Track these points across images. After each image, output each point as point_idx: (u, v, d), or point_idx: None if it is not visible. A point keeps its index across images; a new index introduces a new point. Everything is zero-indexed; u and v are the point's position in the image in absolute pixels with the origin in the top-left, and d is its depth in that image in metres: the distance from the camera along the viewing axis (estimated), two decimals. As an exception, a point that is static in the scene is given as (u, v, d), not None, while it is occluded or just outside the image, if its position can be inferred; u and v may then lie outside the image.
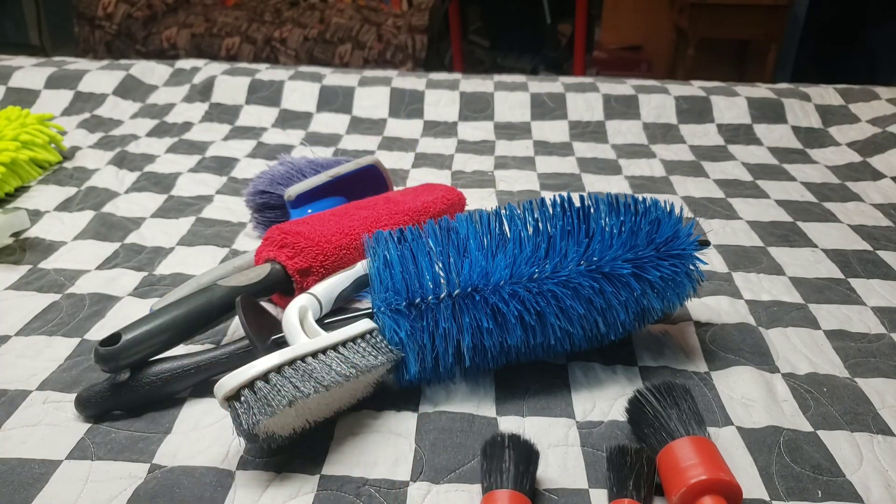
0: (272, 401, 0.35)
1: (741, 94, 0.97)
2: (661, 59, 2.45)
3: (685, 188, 0.77)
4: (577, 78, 1.05)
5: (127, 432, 0.41)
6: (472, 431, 0.41)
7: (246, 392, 0.36)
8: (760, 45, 2.23)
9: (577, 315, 0.42)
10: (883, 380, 0.46)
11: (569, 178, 0.80)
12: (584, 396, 0.44)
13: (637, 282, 0.43)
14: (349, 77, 1.01)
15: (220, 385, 0.36)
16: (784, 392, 0.45)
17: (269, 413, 0.35)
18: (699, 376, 0.46)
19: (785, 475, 0.38)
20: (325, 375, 0.37)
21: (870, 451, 0.40)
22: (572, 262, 0.42)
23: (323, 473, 0.38)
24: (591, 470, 0.39)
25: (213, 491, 0.37)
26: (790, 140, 0.91)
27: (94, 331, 0.50)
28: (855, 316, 0.53)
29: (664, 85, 1.00)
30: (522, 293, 0.41)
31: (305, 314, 0.42)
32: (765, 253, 0.63)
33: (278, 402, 0.35)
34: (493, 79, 1.03)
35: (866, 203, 0.74)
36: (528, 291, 0.41)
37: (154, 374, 0.42)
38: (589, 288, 0.42)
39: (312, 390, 0.36)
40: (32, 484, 0.37)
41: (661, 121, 0.94)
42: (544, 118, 0.95)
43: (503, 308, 0.41)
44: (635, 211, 0.45)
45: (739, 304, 0.54)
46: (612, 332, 0.45)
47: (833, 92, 1.00)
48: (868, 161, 0.84)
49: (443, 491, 0.37)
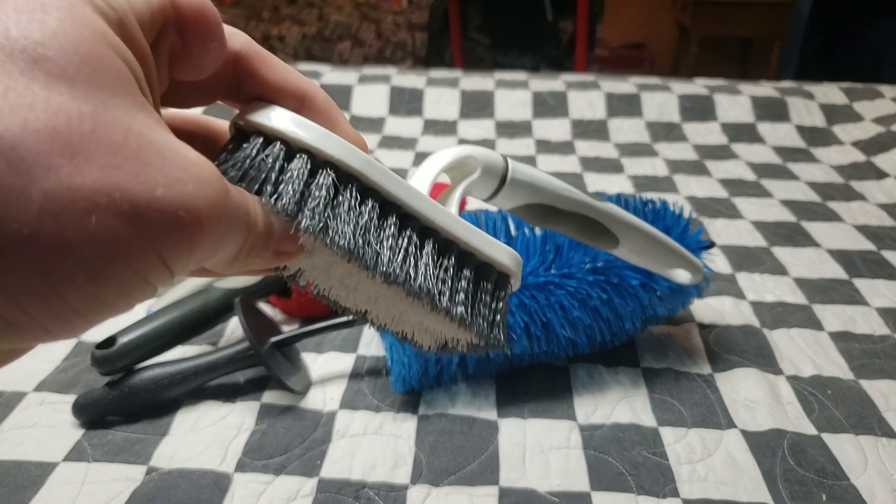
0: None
1: (744, 92, 0.96)
2: (663, 57, 2.44)
3: (688, 187, 0.77)
4: (579, 76, 1.04)
5: (124, 434, 0.40)
6: (473, 434, 0.41)
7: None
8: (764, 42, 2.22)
9: (583, 325, 0.42)
10: (888, 381, 0.46)
11: (570, 178, 0.79)
12: (586, 399, 0.44)
13: (645, 291, 0.42)
14: (348, 75, 1.00)
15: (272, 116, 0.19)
16: (788, 394, 0.45)
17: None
18: (703, 378, 0.46)
19: (789, 479, 0.38)
20: (388, 262, 0.20)
21: (874, 454, 0.40)
22: (580, 273, 0.42)
23: (321, 476, 0.38)
24: (594, 473, 0.38)
25: (210, 493, 0.36)
26: (794, 139, 0.90)
27: (91, 332, 0.50)
28: (859, 317, 0.53)
29: (667, 83, 1.00)
30: (529, 304, 0.41)
31: (467, 177, 0.27)
32: (768, 253, 0.62)
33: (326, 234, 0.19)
34: (494, 76, 1.03)
35: (870, 203, 0.73)
36: (535, 301, 0.41)
37: (152, 379, 0.41)
38: (597, 299, 0.41)
39: (363, 262, 0.19)
40: (29, 486, 0.37)
41: (664, 119, 0.94)
42: (546, 116, 0.95)
43: (509, 319, 0.41)
44: (644, 218, 0.44)
45: (743, 305, 0.54)
46: (616, 339, 0.44)
47: (837, 90, 0.99)
48: (872, 160, 0.83)
49: (443, 494, 0.37)
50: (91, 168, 0.12)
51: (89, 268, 0.13)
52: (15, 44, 0.12)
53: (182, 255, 0.14)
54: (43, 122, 0.12)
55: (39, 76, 0.12)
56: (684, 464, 0.39)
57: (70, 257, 0.12)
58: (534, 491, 0.37)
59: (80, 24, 0.13)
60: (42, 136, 0.12)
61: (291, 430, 0.41)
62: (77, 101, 0.13)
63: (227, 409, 0.42)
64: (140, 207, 0.13)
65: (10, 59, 0.12)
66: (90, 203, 0.12)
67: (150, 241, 0.13)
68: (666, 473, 0.38)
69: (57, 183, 0.12)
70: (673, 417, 0.42)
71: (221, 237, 0.15)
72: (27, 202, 0.12)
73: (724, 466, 0.39)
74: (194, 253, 0.14)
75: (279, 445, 0.40)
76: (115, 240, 0.13)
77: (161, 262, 0.14)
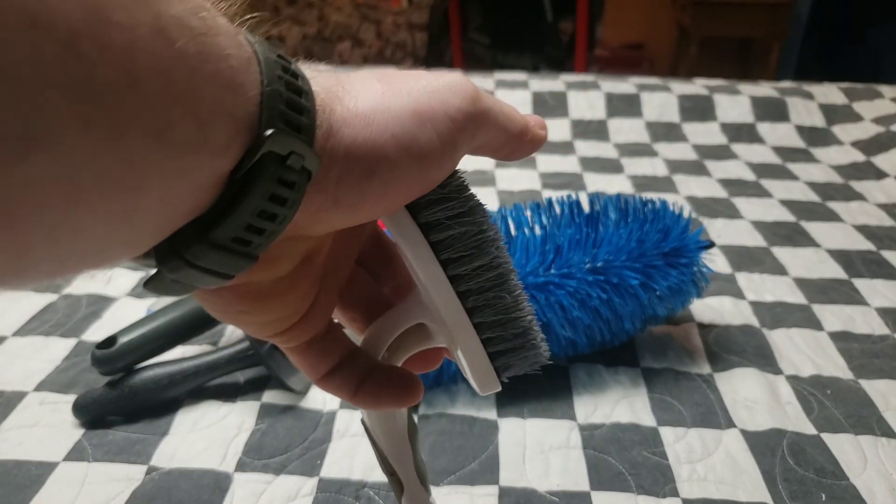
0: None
1: (744, 92, 0.96)
2: (663, 57, 2.44)
3: (688, 188, 0.77)
4: (579, 76, 1.04)
5: (124, 434, 0.40)
6: (473, 434, 0.41)
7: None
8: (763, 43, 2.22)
9: (583, 325, 0.42)
10: (887, 381, 0.46)
11: (570, 178, 0.79)
12: (586, 398, 0.44)
13: (644, 291, 0.42)
14: (349, 75, 1.00)
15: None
16: (788, 394, 0.45)
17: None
18: (702, 378, 0.46)
19: (788, 478, 0.38)
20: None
21: (874, 454, 0.40)
22: (580, 273, 0.42)
23: (321, 476, 0.38)
24: (593, 472, 0.38)
25: (210, 493, 0.36)
26: (794, 139, 0.90)
27: (91, 331, 0.50)
28: (858, 317, 0.53)
29: (666, 83, 1.00)
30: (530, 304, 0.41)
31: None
32: (768, 253, 0.62)
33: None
34: (494, 76, 1.03)
35: (870, 203, 0.73)
36: (535, 301, 0.41)
37: (152, 379, 0.41)
38: (597, 298, 0.41)
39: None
40: (29, 486, 0.37)
41: (664, 119, 0.94)
42: (546, 116, 0.95)
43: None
44: (644, 218, 0.44)
45: (743, 305, 0.54)
46: (616, 339, 0.44)
47: (836, 91, 0.99)
48: (872, 160, 0.83)
49: (443, 493, 0.37)
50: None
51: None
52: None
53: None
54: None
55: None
56: (684, 463, 0.39)
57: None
58: (534, 490, 0.37)
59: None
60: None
61: (292, 430, 0.41)
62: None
63: (227, 408, 0.42)
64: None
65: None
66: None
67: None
68: (666, 473, 0.38)
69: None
70: (673, 417, 0.42)
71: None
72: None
73: (724, 466, 0.39)
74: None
75: (279, 445, 0.40)
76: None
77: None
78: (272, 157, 0.15)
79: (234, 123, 0.14)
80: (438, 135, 0.18)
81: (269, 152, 0.15)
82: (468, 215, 0.20)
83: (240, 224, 0.15)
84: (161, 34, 0.12)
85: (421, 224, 0.20)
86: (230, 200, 0.15)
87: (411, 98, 0.18)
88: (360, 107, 0.18)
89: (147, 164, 0.13)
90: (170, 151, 0.13)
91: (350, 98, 0.18)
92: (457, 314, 0.21)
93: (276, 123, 0.15)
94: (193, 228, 0.15)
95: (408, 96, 0.18)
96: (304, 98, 0.16)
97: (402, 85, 0.19)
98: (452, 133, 0.19)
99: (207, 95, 0.14)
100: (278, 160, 0.15)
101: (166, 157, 0.13)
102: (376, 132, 0.18)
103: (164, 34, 0.12)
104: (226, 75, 0.14)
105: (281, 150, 0.15)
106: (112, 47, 0.11)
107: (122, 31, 0.12)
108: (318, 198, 0.17)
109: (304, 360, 0.23)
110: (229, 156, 0.15)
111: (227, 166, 0.15)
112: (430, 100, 0.19)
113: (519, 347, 0.22)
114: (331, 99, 0.18)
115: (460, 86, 0.19)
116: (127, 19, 0.12)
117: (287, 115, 0.16)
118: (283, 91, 0.16)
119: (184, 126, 0.13)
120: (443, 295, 0.20)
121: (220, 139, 0.14)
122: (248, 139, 0.15)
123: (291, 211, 0.16)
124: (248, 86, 0.15)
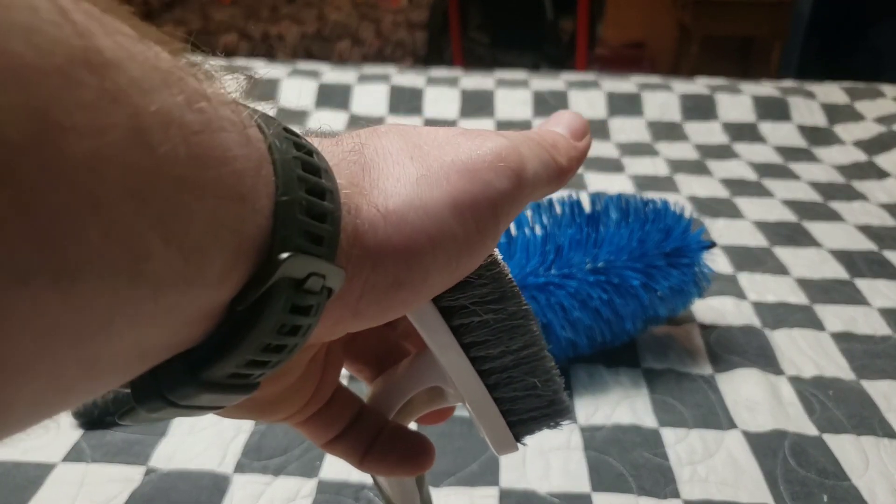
0: None
1: (745, 91, 0.96)
2: (664, 56, 2.44)
3: (689, 187, 0.76)
4: (580, 75, 1.04)
5: (122, 435, 0.40)
6: (473, 436, 0.41)
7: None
8: (764, 42, 2.22)
9: (583, 326, 0.42)
10: (889, 382, 0.46)
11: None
12: (587, 400, 0.44)
13: (645, 292, 0.42)
14: (347, 74, 1.00)
15: None
16: (789, 395, 0.44)
17: None
18: (704, 379, 0.46)
19: (790, 479, 0.38)
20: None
21: (876, 455, 0.40)
22: (581, 273, 0.41)
23: (321, 477, 0.38)
24: (594, 474, 0.38)
25: (209, 494, 0.36)
26: (795, 138, 0.90)
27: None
28: (861, 317, 0.53)
29: (668, 82, 0.99)
30: (530, 304, 0.40)
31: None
32: (770, 253, 0.62)
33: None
34: (495, 75, 1.02)
35: (872, 202, 0.73)
36: (535, 302, 0.41)
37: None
38: (598, 299, 0.41)
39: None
40: (27, 487, 0.36)
41: (665, 119, 0.93)
42: (546, 116, 0.94)
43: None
44: (645, 217, 0.44)
45: (744, 306, 0.54)
46: (617, 339, 0.44)
47: (838, 90, 0.99)
48: (874, 160, 0.83)
49: (443, 495, 0.37)
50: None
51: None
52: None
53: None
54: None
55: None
56: (685, 465, 0.39)
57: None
58: (534, 492, 0.37)
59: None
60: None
61: (290, 432, 0.41)
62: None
63: (226, 409, 0.42)
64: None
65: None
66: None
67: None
68: (667, 474, 0.38)
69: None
70: (674, 418, 0.42)
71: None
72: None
73: (726, 467, 0.39)
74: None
75: (278, 446, 0.40)
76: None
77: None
78: (286, 283, 0.12)
79: (237, 244, 0.11)
80: (478, 226, 0.16)
81: (282, 278, 0.12)
82: (497, 302, 0.18)
83: (240, 363, 0.12)
84: (138, 138, 0.09)
85: (442, 308, 0.18)
86: (229, 335, 0.12)
87: (450, 185, 0.15)
88: (390, 204, 0.15)
89: (110, 311, 0.10)
90: (144, 291, 0.10)
91: (378, 193, 0.15)
92: (477, 392, 0.19)
93: (295, 242, 0.12)
94: (181, 366, 0.12)
95: (446, 182, 0.15)
96: (328, 198, 0.13)
97: (439, 164, 0.16)
98: (495, 221, 0.16)
99: (200, 212, 0.10)
100: (293, 285, 0.12)
101: (140, 298, 0.10)
102: (410, 236, 0.15)
103: (142, 138, 0.09)
104: (228, 183, 0.11)
105: (298, 273, 0.12)
106: (66, 164, 0.08)
107: (81, 139, 0.09)
108: (338, 312, 0.15)
109: (308, 430, 0.21)
110: (228, 286, 0.12)
111: (224, 297, 0.12)
112: (471, 185, 0.16)
113: (542, 417, 0.20)
114: (356, 194, 0.14)
115: (504, 159, 0.16)
116: (89, 123, 0.09)
117: (307, 225, 0.12)
118: (302, 197, 0.12)
119: (164, 257, 0.10)
120: (463, 377, 0.19)
121: (216, 268, 0.11)
122: (256, 259, 0.12)
123: (304, 339, 0.13)
124: (258, 193, 0.12)
